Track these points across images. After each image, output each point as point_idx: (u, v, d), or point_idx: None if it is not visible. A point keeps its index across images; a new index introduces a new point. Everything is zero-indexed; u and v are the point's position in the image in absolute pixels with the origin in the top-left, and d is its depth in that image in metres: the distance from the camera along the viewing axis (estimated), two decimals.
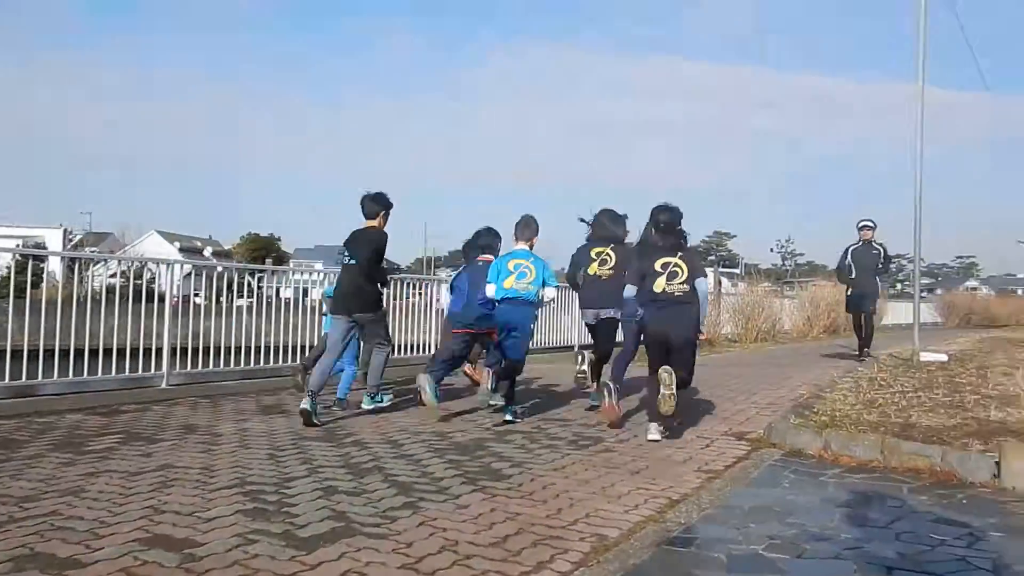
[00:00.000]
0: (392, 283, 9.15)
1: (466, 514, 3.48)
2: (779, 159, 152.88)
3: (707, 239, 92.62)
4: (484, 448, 4.95)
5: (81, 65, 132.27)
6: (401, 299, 9.97)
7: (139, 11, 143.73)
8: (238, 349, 8.01)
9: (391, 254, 6.85)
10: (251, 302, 9.38)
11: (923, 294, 17.15)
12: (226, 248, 76.93)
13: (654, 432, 5.26)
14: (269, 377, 8.07)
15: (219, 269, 10.78)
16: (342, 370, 6.51)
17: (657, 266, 5.43)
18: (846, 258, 11.16)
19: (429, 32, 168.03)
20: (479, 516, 3.46)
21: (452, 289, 7.14)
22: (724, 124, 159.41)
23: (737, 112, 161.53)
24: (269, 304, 9.05)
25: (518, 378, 6.34)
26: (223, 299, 9.12)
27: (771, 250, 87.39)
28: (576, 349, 7.12)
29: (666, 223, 5.56)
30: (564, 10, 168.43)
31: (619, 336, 6.67)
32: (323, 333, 7.15)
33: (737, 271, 50.56)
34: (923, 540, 3.23)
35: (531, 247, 6.38)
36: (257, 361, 8.13)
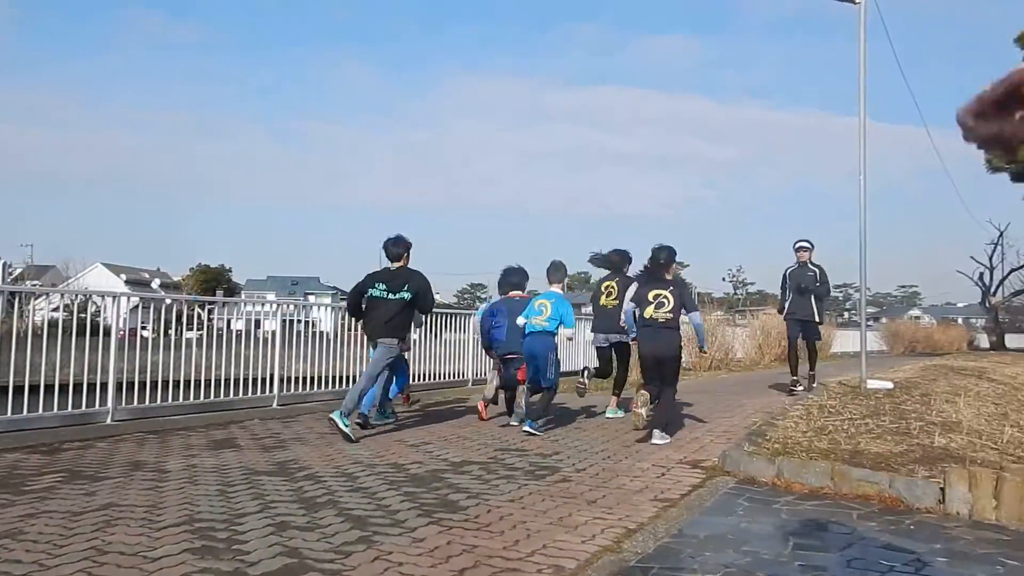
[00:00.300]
0: (339, 312, 10.02)
1: (422, 547, 3.44)
2: (732, 188, 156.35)
3: None
4: (440, 479, 4.90)
5: (21, 91, 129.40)
6: (350, 330, 9.93)
7: (82, 37, 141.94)
8: (187, 383, 7.83)
9: (350, 286, 7.22)
10: (201, 334, 9.21)
11: (869, 323, 17.54)
12: (175, 279, 75.62)
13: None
14: (220, 411, 7.90)
15: (167, 301, 10.58)
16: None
17: (650, 296, 6.55)
18: (786, 281, 10.38)
19: (380, 62, 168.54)
20: (435, 549, 3.42)
21: (488, 319, 7.82)
22: (677, 153, 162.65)
23: (690, 142, 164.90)
24: (220, 336, 8.89)
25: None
26: (172, 332, 8.92)
27: (723, 279, 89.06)
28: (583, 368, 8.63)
29: (665, 259, 6.68)
30: (516, 42, 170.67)
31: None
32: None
33: None
34: (873, 567, 3.29)
35: (562, 288, 7.55)
36: (207, 395, 7.96)
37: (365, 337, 7.61)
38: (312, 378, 9.32)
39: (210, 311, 10.97)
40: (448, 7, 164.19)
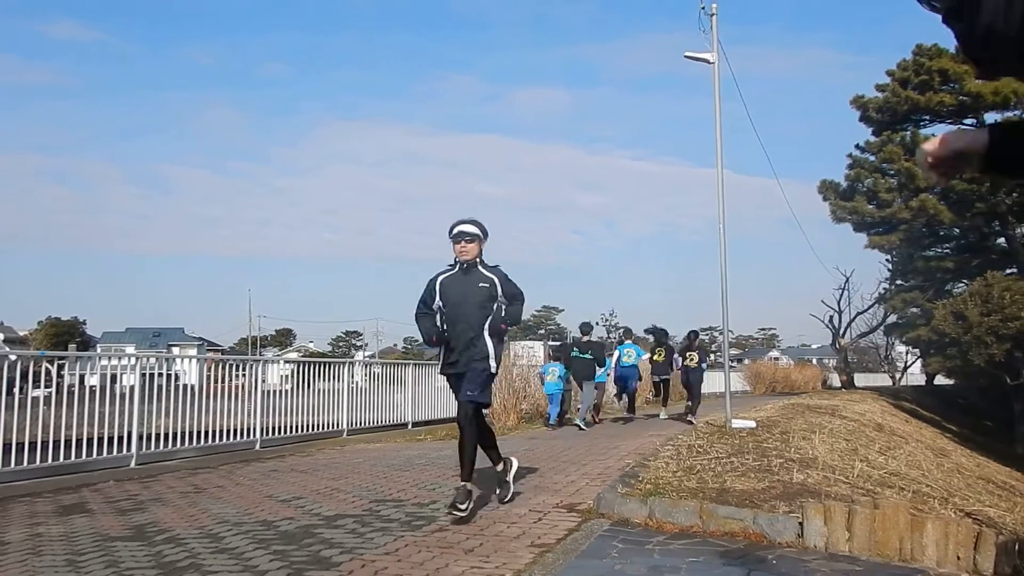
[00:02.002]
0: (217, 365, 10.71)
1: None
2: (599, 234, 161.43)
3: (536, 313, 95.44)
4: (313, 535, 4.73)
5: None
6: (225, 381, 9.61)
7: None
8: (33, 444, 7.25)
9: (217, 336, 7.07)
10: (50, 392, 8.59)
11: (732, 364, 18.43)
12: (21, 334, 70.92)
13: (663, 415, 14.52)
14: (71, 473, 7.35)
15: (12, 357, 9.81)
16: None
17: (654, 352, 14.21)
18: (433, 295, 5.63)
19: (249, 107, 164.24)
20: None
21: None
22: (549, 201, 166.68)
23: (560, 189, 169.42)
24: (71, 393, 8.31)
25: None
26: (16, 390, 8.25)
27: (596, 323, 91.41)
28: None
29: (661, 335, 14.98)
30: (390, 89, 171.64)
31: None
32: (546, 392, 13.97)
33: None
34: None
35: (632, 341, 15.23)
36: (56, 456, 7.38)
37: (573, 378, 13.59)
38: (176, 434, 8.85)
39: (60, 366, 10.24)
40: (320, 52, 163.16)
